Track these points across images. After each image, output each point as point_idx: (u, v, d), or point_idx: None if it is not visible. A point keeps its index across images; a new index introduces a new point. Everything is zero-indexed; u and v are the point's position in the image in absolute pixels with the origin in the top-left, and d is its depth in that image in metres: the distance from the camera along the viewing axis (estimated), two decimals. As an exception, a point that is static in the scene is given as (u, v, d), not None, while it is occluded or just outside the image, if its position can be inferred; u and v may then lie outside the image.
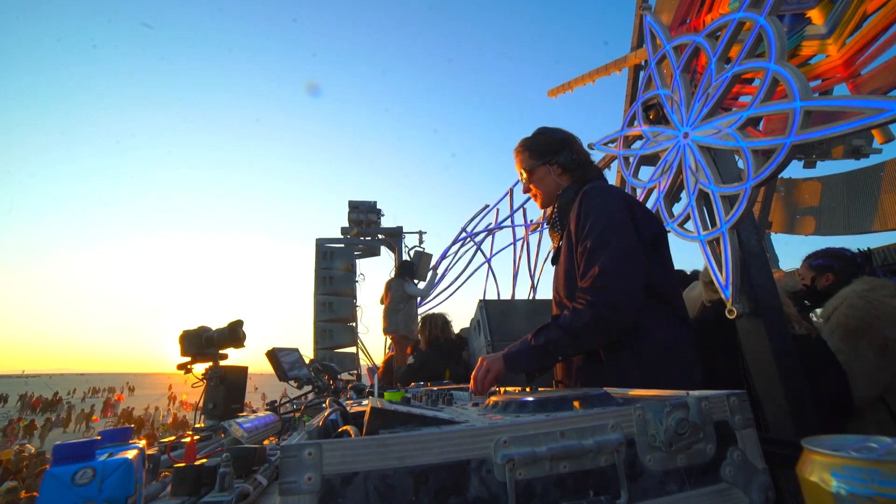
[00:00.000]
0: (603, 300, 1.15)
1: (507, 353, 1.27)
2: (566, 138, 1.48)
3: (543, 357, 1.22)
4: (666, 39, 2.21)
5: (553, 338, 1.20)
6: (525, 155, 1.50)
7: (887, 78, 3.14)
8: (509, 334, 2.94)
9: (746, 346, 1.74)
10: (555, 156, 1.45)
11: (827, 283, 1.99)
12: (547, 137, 1.49)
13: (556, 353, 1.23)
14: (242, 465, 0.77)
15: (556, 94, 5.08)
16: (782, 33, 1.59)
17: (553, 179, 1.46)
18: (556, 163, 1.45)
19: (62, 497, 0.52)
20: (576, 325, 1.17)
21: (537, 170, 1.47)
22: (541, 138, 1.50)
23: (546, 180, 1.47)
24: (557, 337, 1.19)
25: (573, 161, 1.44)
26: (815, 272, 2.05)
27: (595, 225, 1.23)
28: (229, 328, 1.56)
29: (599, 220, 1.23)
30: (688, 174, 1.97)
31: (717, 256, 1.80)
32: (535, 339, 1.23)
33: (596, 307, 1.15)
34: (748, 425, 0.57)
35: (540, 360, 1.24)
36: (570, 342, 1.19)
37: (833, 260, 2.03)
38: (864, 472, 0.41)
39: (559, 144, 1.46)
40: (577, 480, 0.49)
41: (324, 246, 6.18)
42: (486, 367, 1.25)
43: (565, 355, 1.26)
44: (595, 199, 1.29)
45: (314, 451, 0.43)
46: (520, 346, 1.26)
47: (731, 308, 1.72)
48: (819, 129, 1.45)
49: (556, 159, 1.45)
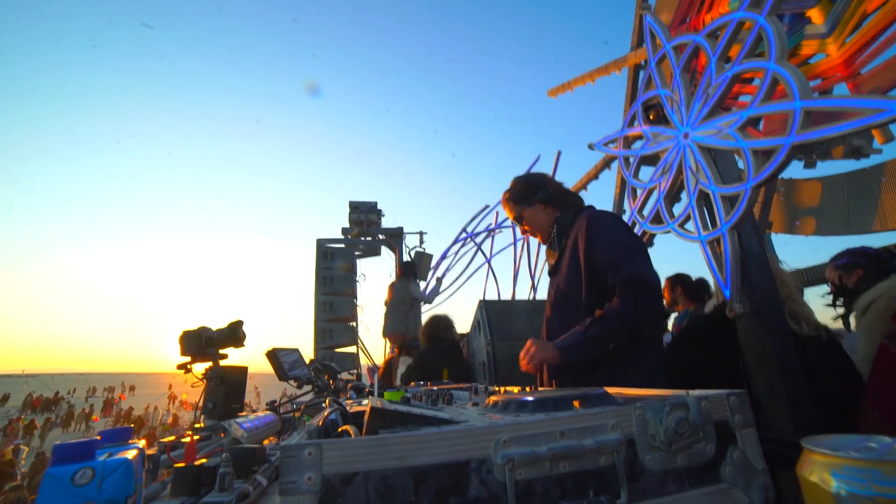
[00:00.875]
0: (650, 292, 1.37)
1: (562, 345, 1.38)
2: (538, 179, 1.75)
3: (599, 346, 1.35)
4: (666, 39, 2.21)
5: (610, 327, 1.34)
6: (511, 204, 1.75)
7: (887, 77, 3.13)
8: (509, 334, 2.94)
9: (746, 346, 1.74)
10: (534, 196, 1.70)
11: (856, 279, 1.97)
12: (522, 184, 1.75)
13: (610, 342, 1.35)
14: (242, 465, 0.77)
15: (556, 94, 5.08)
16: (782, 33, 1.59)
17: (541, 215, 1.69)
18: (538, 201, 1.69)
19: (62, 497, 0.52)
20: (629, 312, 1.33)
21: (525, 212, 1.71)
22: (518, 186, 1.75)
23: (537, 217, 1.70)
24: (614, 326, 1.34)
25: (551, 195, 1.69)
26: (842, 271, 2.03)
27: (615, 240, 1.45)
28: (229, 328, 1.56)
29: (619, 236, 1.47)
30: (688, 174, 1.97)
31: (717, 257, 1.80)
32: (589, 330, 1.35)
33: (646, 298, 1.36)
34: (748, 425, 0.56)
35: (597, 350, 1.36)
36: (624, 330, 1.35)
37: (858, 257, 2.02)
38: (863, 473, 0.41)
39: (535, 186, 1.71)
40: (577, 480, 0.49)
41: (324, 246, 6.18)
42: (532, 353, 1.40)
43: (617, 343, 1.36)
44: (605, 220, 1.53)
45: (314, 451, 0.43)
46: (574, 338, 1.38)
47: (731, 308, 1.72)
48: (819, 129, 1.45)
49: (537, 198, 1.69)
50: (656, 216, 2.13)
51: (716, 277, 1.80)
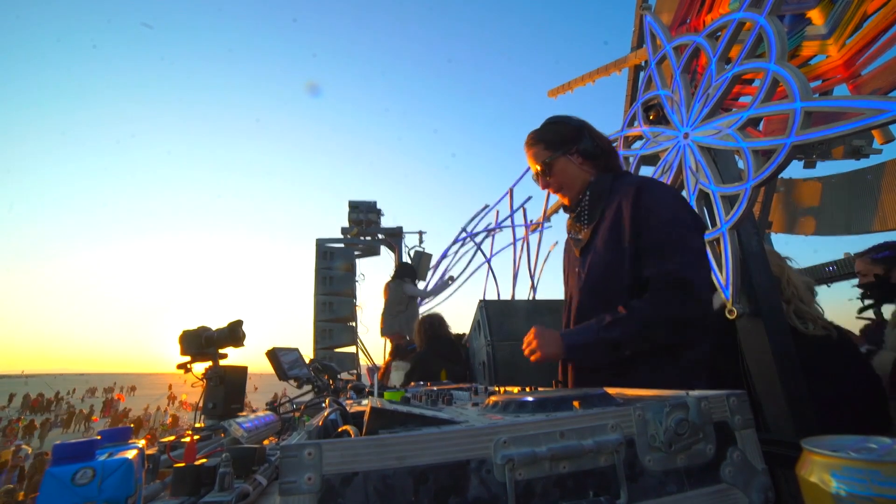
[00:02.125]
0: (691, 298, 1.09)
1: (571, 343, 1.18)
2: (583, 125, 1.37)
3: (611, 352, 1.14)
4: (666, 40, 2.21)
5: (630, 332, 1.11)
6: (539, 147, 1.37)
7: (887, 78, 3.13)
8: (509, 334, 2.94)
9: (746, 346, 1.74)
10: (574, 144, 1.33)
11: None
12: (563, 126, 1.37)
13: (625, 350, 1.13)
14: (242, 465, 0.77)
15: (556, 95, 5.08)
16: (782, 33, 1.59)
17: (576, 170, 1.33)
18: (577, 152, 1.33)
19: (62, 497, 0.52)
20: (657, 320, 1.10)
21: (556, 161, 1.34)
22: (555, 127, 1.38)
23: (568, 171, 1.34)
24: (634, 332, 1.11)
25: (596, 147, 1.33)
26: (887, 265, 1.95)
27: (663, 221, 1.15)
28: (229, 328, 1.56)
29: (666, 217, 1.16)
30: (688, 174, 1.97)
31: (717, 256, 1.80)
32: (606, 331, 1.13)
33: (686, 305, 1.09)
34: (748, 425, 0.56)
35: (606, 356, 1.15)
36: (645, 338, 1.12)
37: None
38: (863, 473, 0.41)
39: (577, 132, 1.34)
40: (577, 481, 0.49)
41: (324, 246, 6.18)
42: (537, 344, 1.21)
43: (634, 351, 1.14)
44: (663, 193, 1.22)
45: (314, 451, 0.43)
46: (586, 337, 1.17)
47: (731, 308, 1.72)
48: (819, 129, 1.45)
49: (577, 148, 1.33)
50: (656, 216, 2.13)
51: (716, 277, 1.80)
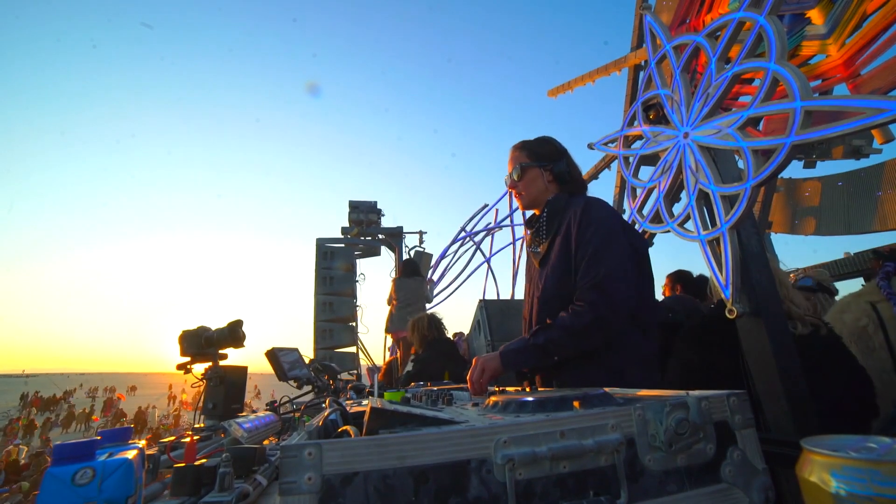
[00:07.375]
0: (606, 302, 1.21)
1: (505, 350, 1.30)
2: (565, 152, 1.56)
3: (542, 356, 1.26)
4: (666, 39, 2.21)
5: (553, 337, 1.24)
6: (523, 153, 1.54)
7: (887, 78, 3.14)
8: (509, 334, 2.94)
9: (746, 346, 1.74)
10: (551, 163, 1.51)
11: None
12: (549, 145, 1.56)
13: (555, 353, 1.26)
14: (242, 465, 0.77)
15: (556, 94, 5.09)
16: (782, 33, 1.59)
17: (542, 184, 1.51)
18: (551, 170, 1.50)
19: (62, 497, 0.52)
20: (577, 325, 1.22)
21: (530, 170, 1.51)
22: (542, 143, 1.56)
23: (536, 183, 1.51)
24: (557, 337, 1.24)
25: (567, 173, 1.51)
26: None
27: (597, 234, 1.30)
28: (229, 328, 1.56)
29: (601, 230, 1.30)
30: (688, 174, 1.97)
31: (717, 256, 1.80)
32: (534, 338, 1.27)
33: (599, 309, 1.21)
34: (748, 425, 0.56)
35: (538, 359, 1.28)
36: (569, 342, 1.24)
37: None
38: (863, 473, 0.41)
39: (558, 154, 1.53)
40: (577, 480, 0.49)
41: (324, 246, 6.18)
42: (480, 366, 1.27)
43: (562, 355, 1.27)
44: (599, 212, 1.37)
45: (314, 451, 0.43)
46: (518, 344, 1.30)
47: (731, 308, 1.72)
48: (819, 129, 1.45)
49: (552, 167, 1.50)
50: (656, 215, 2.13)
51: (715, 277, 1.80)
